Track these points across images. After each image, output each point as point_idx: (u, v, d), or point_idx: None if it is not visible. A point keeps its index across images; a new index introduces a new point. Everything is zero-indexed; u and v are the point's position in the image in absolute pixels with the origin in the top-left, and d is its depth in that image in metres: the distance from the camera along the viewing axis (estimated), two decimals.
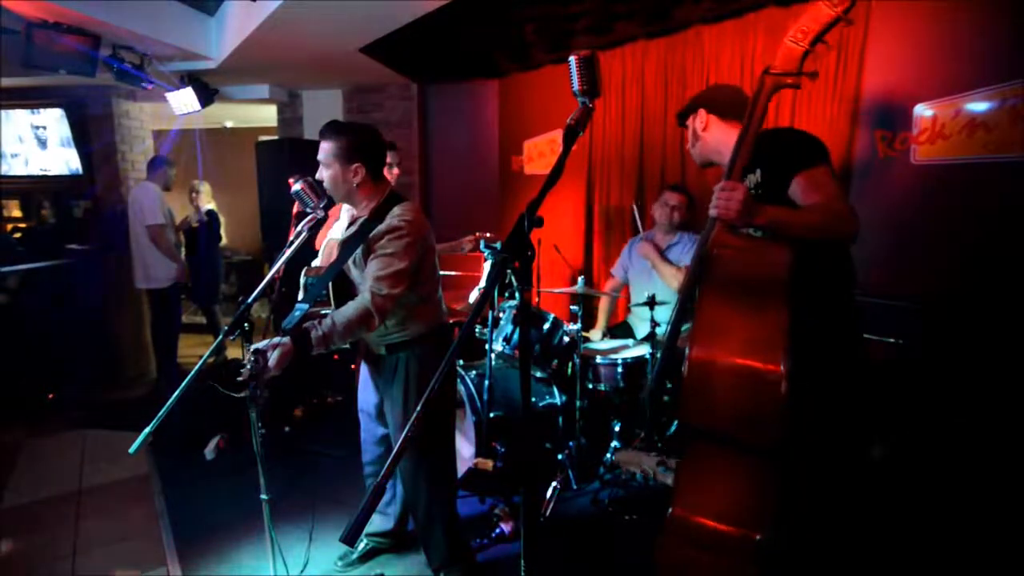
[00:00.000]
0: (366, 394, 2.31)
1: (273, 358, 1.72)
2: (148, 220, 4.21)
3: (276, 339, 1.75)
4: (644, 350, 3.04)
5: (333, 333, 1.83)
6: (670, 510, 1.32)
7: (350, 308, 1.87)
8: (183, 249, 4.78)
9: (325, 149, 1.96)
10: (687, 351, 1.28)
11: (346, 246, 1.99)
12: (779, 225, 1.40)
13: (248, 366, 1.69)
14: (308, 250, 2.14)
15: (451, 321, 3.60)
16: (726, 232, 1.39)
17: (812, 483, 1.53)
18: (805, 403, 1.29)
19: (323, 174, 1.98)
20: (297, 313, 1.86)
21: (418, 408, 0.91)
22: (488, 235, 3.16)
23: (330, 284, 2.03)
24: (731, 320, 1.29)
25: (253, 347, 1.71)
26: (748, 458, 1.28)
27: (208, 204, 5.16)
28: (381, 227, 1.94)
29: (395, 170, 2.83)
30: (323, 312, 1.95)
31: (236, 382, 1.71)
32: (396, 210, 1.97)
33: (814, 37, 1.36)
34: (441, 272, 2.21)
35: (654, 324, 2.95)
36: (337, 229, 2.24)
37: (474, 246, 3.23)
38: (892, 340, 2.35)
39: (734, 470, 1.30)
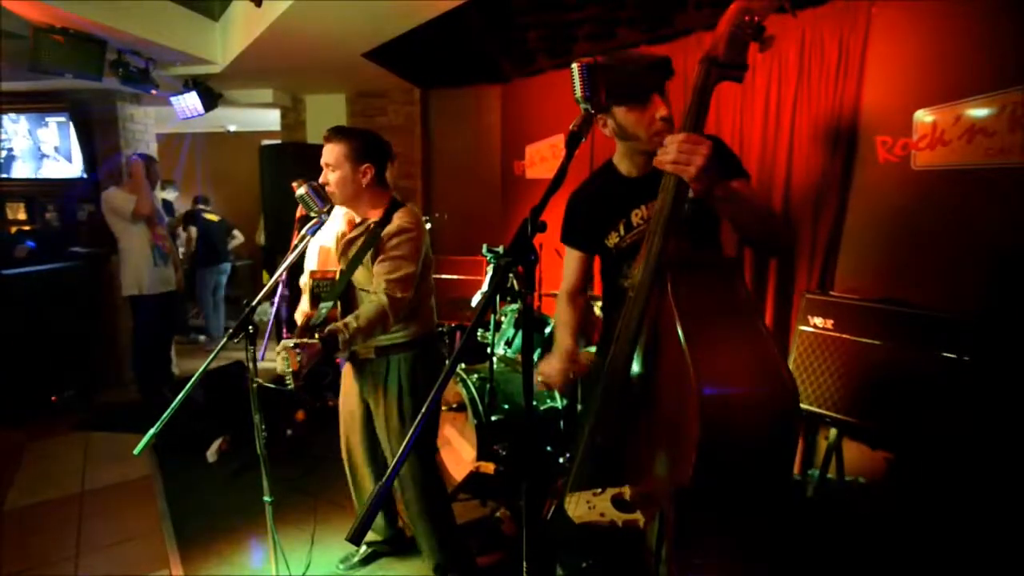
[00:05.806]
0: (350, 403, 2.29)
1: (303, 357, 1.74)
2: None
3: (305, 339, 1.77)
4: None
5: (358, 334, 1.85)
6: None
7: (370, 309, 1.89)
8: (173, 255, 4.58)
9: (335, 151, 1.96)
10: (696, 396, 1.10)
11: (357, 247, 2.00)
12: (738, 200, 1.30)
13: (286, 360, 1.70)
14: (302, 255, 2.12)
15: (453, 324, 3.64)
16: (679, 246, 1.28)
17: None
18: None
19: (330, 176, 1.98)
20: (323, 311, 1.88)
21: (424, 408, 0.94)
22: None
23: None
24: (731, 349, 1.18)
25: (293, 343, 1.72)
26: (747, 505, 1.19)
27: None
28: (390, 227, 1.96)
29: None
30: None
31: (280, 375, 1.73)
32: (402, 211, 2.01)
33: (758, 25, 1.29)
34: (443, 276, 2.23)
35: None
36: (327, 233, 2.15)
37: None
38: (878, 342, 2.37)
39: (733, 527, 1.21)
